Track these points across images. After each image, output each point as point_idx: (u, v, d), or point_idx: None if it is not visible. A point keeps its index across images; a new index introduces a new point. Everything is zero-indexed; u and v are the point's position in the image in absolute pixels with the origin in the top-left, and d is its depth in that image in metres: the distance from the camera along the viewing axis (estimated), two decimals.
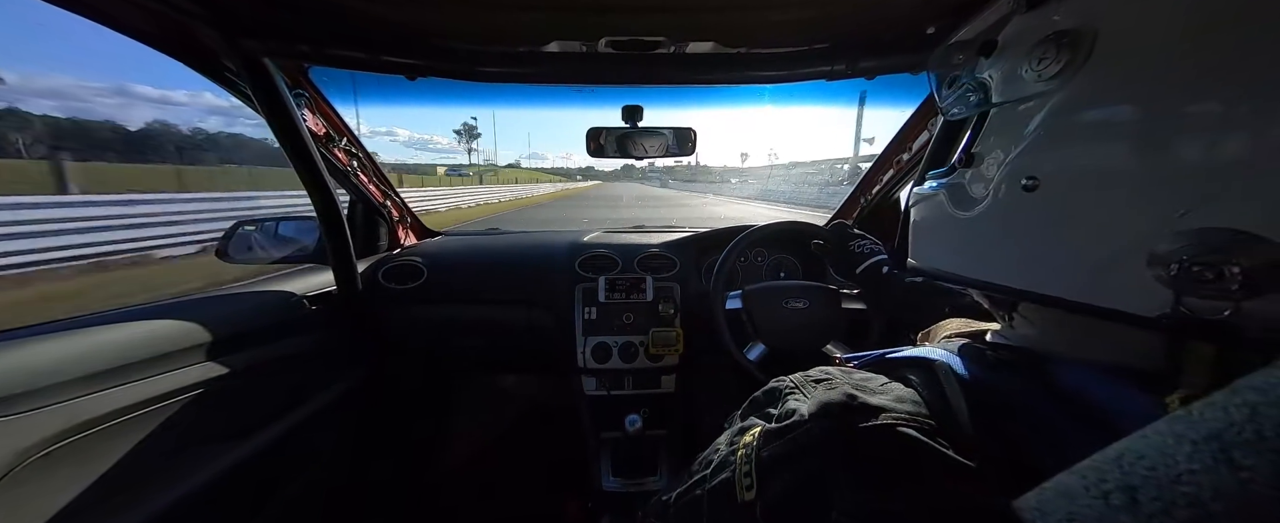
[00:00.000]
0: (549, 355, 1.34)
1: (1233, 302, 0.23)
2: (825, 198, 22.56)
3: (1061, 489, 0.22)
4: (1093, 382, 0.31)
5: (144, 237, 6.52)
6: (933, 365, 0.36)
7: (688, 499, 0.40)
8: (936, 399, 0.33)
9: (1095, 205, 0.29)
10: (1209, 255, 0.23)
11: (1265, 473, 0.16)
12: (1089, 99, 0.29)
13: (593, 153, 1.17)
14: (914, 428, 0.30)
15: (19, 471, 0.62)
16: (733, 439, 0.39)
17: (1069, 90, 0.30)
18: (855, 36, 0.87)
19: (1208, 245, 0.24)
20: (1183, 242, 0.24)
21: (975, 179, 0.38)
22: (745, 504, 0.34)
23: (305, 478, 1.14)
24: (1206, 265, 0.23)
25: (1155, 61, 0.27)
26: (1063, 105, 0.30)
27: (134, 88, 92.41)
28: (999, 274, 0.36)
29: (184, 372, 0.84)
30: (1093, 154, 0.29)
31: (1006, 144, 0.35)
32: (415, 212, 1.60)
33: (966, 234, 0.39)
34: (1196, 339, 0.25)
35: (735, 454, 0.37)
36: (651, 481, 1.23)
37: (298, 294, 1.14)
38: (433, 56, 0.89)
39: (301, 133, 0.98)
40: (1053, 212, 0.31)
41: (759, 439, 0.36)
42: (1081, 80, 0.29)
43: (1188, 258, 0.24)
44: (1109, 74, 0.28)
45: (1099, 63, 0.28)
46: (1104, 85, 0.29)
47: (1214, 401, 0.19)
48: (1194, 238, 0.24)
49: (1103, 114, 0.29)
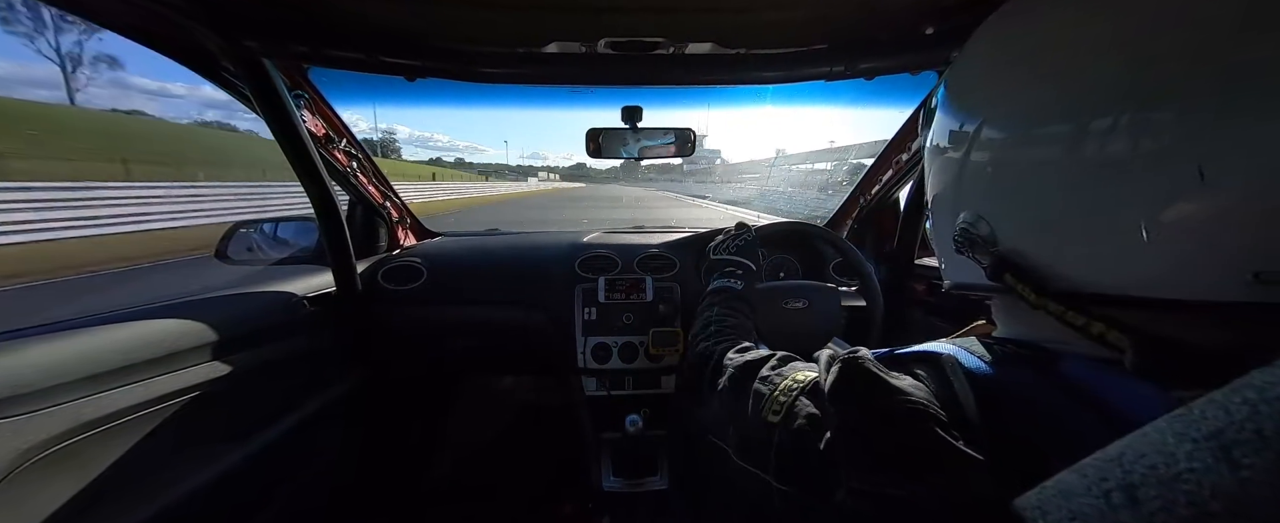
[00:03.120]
0: (549, 356, 1.34)
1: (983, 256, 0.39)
2: (824, 201, 22.38)
3: (1062, 488, 0.22)
4: (1098, 375, 0.31)
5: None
6: (939, 359, 0.36)
7: (732, 373, 0.51)
8: (944, 393, 0.33)
9: (945, 205, 0.44)
10: (964, 233, 0.40)
11: (1265, 472, 0.16)
12: (940, 132, 0.45)
13: (592, 153, 1.17)
14: (933, 417, 0.31)
15: (21, 472, 0.62)
16: (780, 369, 0.45)
17: (935, 126, 0.46)
18: (854, 37, 0.87)
19: (962, 226, 0.41)
20: (960, 223, 0.41)
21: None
22: (768, 426, 0.40)
23: (305, 479, 1.14)
24: (961, 235, 0.40)
25: (949, 110, 0.44)
26: (932, 136, 0.47)
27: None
28: (950, 273, 0.48)
29: (184, 373, 0.84)
30: (939, 168, 0.45)
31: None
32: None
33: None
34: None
35: (779, 383, 0.43)
36: (652, 481, 1.23)
37: (297, 295, 1.14)
38: (432, 57, 0.89)
39: (301, 134, 0.98)
40: (936, 213, 0.47)
41: (807, 387, 0.40)
42: (936, 119, 0.46)
43: (957, 237, 0.41)
44: (943, 119, 0.44)
45: (943, 110, 0.45)
46: (942, 125, 0.44)
47: (1214, 399, 0.19)
48: (962, 220, 0.41)
49: (941, 142, 0.44)
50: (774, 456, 0.38)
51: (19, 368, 0.64)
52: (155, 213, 9.29)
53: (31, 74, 66.07)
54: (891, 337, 1.24)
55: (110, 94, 59.52)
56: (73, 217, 7.81)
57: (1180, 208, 0.26)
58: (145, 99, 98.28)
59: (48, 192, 7.80)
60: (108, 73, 48.54)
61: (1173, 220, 0.27)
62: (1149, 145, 0.27)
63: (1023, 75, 0.36)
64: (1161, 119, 0.27)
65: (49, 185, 7.94)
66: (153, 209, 9.35)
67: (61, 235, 7.44)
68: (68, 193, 8.02)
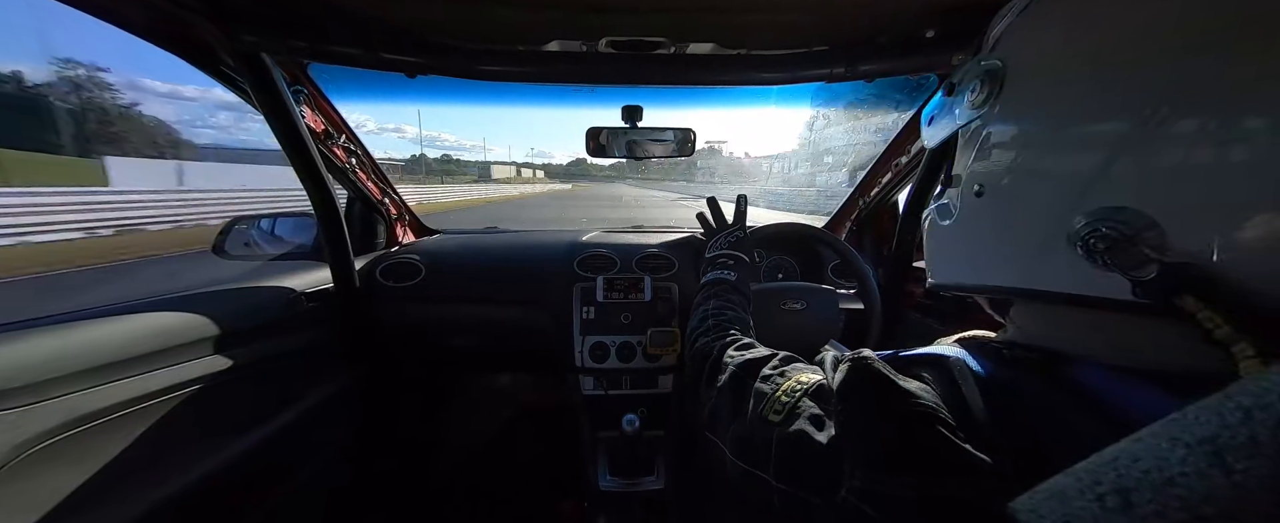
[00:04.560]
0: (546, 355, 1.34)
1: (1143, 261, 0.28)
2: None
3: (1056, 492, 0.22)
4: (1105, 378, 0.31)
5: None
6: (946, 362, 0.36)
7: (728, 372, 0.50)
8: (952, 396, 0.33)
9: (1023, 201, 0.35)
10: (1102, 228, 0.29)
11: (1258, 477, 0.16)
12: (1007, 118, 0.37)
13: (593, 152, 1.17)
14: (942, 420, 0.31)
15: (16, 464, 0.62)
16: (782, 369, 0.45)
17: (993, 112, 0.38)
18: (855, 39, 0.87)
19: (1100, 221, 0.29)
20: (1084, 220, 0.30)
21: (954, 196, 0.44)
22: (769, 424, 0.39)
23: (302, 475, 1.14)
24: (1100, 237, 0.29)
25: (1042, 89, 0.35)
26: (990, 124, 0.38)
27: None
28: (975, 274, 0.42)
29: (182, 367, 0.84)
30: (1015, 159, 0.36)
31: (966, 161, 0.41)
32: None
33: (950, 243, 0.45)
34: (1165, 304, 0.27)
35: (782, 384, 0.42)
36: (649, 480, 1.23)
37: (296, 290, 1.13)
38: (433, 54, 0.89)
39: (300, 130, 0.98)
40: (996, 211, 0.38)
41: (810, 389, 0.40)
42: (1000, 103, 0.37)
43: (1087, 234, 0.30)
44: (1015, 98, 0.36)
45: (1008, 90, 0.37)
46: (1017, 107, 0.37)
47: (1208, 404, 0.19)
48: (1089, 217, 0.30)
49: (1018, 128, 0.37)
50: (774, 455, 0.38)
51: (16, 361, 0.64)
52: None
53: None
54: (889, 339, 1.24)
55: (129, 96, 58.76)
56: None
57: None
58: (160, 101, 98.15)
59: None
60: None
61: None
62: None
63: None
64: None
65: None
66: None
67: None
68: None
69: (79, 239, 8.09)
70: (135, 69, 78.73)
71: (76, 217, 8.51)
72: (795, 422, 0.37)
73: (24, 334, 0.68)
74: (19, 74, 30.90)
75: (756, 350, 0.54)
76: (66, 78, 31.09)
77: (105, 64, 34.96)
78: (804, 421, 0.37)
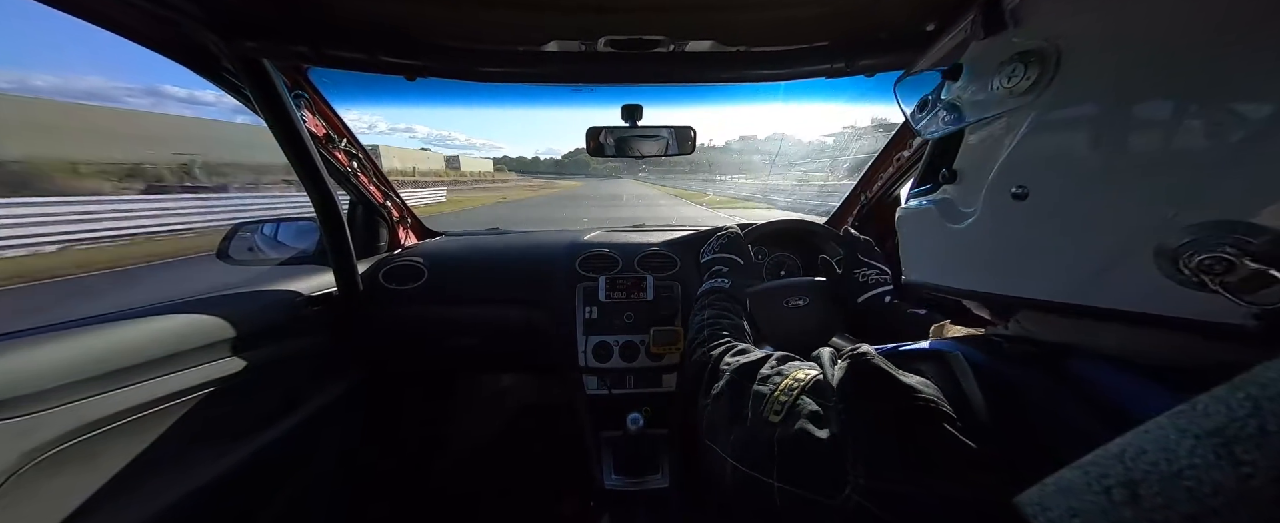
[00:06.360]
0: (550, 355, 1.34)
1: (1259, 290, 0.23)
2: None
3: (1063, 485, 0.22)
4: (1107, 373, 0.31)
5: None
6: (946, 357, 0.36)
7: (725, 382, 0.49)
8: (952, 390, 0.33)
9: (1089, 207, 0.29)
10: (1216, 247, 0.23)
11: (1266, 468, 0.16)
12: (1068, 108, 0.30)
13: (593, 151, 1.17)
14: (943, 414, 0.31)
15: (26, 471, 0.63)
16: (779, 368, 0.44)
17: (1045, 102, 0.31)
18: (854, 35, 0.87)
19: (1215, 237, 0.24)
20: (1189, 236, 0.24)
21: (962, 193, 0.39)
22: (769, 425, 0.39)
23: (308, 477, 1.15)
24: (1217, 258, 0.23)
25: (1132, 72, 0.27)
26: (1042, 116, 0.31)
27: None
28: (998, 283, 0.37)
29: (188, 372, 0.84)
30: (1080, 159, 0.30)
31: (989, 157, 0.35)
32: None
33: (961, 247, 0.40)
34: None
35: (780, 383, 0.41)
36: (653, 479, 1.23)
37: (300, 294, 1.14)
38: (432, 57, 0.89)
39: (301, 134, 0.98)
40: (1046, 217, 0.32)
41: (808, 386, 0.39)
42: (1056, 91, 0.30)
43: (1195, 251, 0.24)
44: (1086, 84, 0.29)
45: (1071, 74, 0.30)
46: (1083, 94, 0.29)
47: (1217, 395, 0.19)
48: (1198, 231, 0.24)
49: (1085, 121, 0.30)
50: (776, 455, 0.37)
51: (25, 368, 0.65)
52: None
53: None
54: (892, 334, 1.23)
55: (149, 101, 58.99)
56: None
57: None
58: (179, 105, 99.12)
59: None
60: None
61: None
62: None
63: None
64: None
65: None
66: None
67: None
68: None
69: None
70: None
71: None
72: (796, 421, 0.37)
73: (31, 342, 0.69)
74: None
75: (751, 354, 0.53)
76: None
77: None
78: (804, 419, 0.37)
